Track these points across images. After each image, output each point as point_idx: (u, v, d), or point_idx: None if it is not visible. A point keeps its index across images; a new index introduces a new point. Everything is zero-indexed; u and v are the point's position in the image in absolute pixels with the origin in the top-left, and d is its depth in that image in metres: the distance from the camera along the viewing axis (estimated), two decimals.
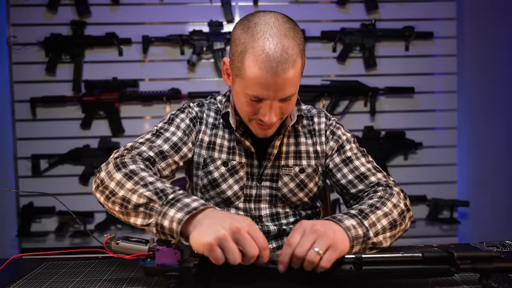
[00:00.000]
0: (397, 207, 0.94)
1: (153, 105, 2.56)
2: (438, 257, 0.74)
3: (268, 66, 0.88)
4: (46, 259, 0.97)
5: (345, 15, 2.61)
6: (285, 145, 1.11)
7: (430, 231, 2.69)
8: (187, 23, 2.57)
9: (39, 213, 2.53)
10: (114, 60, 2.55)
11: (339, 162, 1.10)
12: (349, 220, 0.83)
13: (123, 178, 0.85)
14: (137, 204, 0.80)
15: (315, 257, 0.72)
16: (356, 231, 0.82)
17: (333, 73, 2.61)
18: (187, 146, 1.07)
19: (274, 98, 0.93)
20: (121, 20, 2.54)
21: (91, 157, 2.51)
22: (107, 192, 0.86)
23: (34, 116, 2.51)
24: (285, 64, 0.88)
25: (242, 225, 0.71)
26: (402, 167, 2.64)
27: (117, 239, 0.77)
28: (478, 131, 2.71)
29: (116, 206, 0.85)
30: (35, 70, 2.52)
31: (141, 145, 0.99)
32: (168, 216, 0.75)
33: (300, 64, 0.93)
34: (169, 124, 1.08)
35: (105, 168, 0.91)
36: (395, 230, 0.91)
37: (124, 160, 0.91)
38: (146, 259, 0.75)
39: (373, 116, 2.62)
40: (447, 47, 2.64)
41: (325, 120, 1.16)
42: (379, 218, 0.88)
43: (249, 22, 0.93)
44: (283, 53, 0.88)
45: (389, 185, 1.02)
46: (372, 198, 0.96)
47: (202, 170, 1.10)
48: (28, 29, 2.51)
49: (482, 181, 2.71)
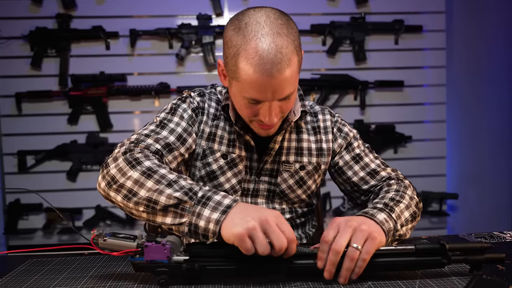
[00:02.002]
0: (413, 199, 0.97)
1: (142, 99, 2.53)
2: (430, 249, 0.74)
3: (263, 69, 0.85)
4: (31, 256, 0.95)
5: (335, 8, 2.60)
6: (287, 140, 1.09)
7: (420, 223, 2.70)
8: (175, 16, 2.53)
9: (26, 210, 2.50)
10: (101, 54, 2.51)
11: (350, 160, 1.10)
12: (380, 214, 0.84)
13: (142, 177, 0.81)
14: (167, 205, 0.77)
15: (354, 253, 0.72)
16: (389, 225, 0.83)
17: (323, 67, 2.61)
18: (191, 137, 1.04)
19: (273, 99, 0.90)
20: (108, 13, 2.50)
21: (79, 152, 2.48)
22: (125, 192, 0.81)
23: (19, 112, 2.47)
24: (280, 64, 0.85)
25: (271, 217, 0.71)
26: (392, 161, 2.65)
27: (105, 235, 0.75)
28: (467, 124, 2.73)
29: (140, 207, 0.80)
30: (20, 65, 2.47)
31: (147, 138, 0.95)
32: (204, 217, 0.74)
33: (296, 61, 0.90)
34: (172, 114, 1.03)
35: (115, 165, 0.85)
36: (415, 221, 0.95)
37: (135, 155, 0.86)
38: (135, 255, 0.74)
39: (363, 110, 2.62)
40: (436, 40, 2.64)
41: (330, 117, 1.14)
42: (402, 211, 0.90)
43: (239, 22, 0.90)
44: (277, 53, 0.85)
45: (399, 178, 1.05)
46: (389, 191, 0.98)
47: (200, 161, 1.07)
48: (13, 23, 2.46)
49: (471, 174, 2.74)
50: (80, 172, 2.52)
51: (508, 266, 0.81)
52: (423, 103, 2.67)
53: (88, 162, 2.50)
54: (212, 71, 2.56)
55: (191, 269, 0.73)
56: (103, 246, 0.75)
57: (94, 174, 2.52)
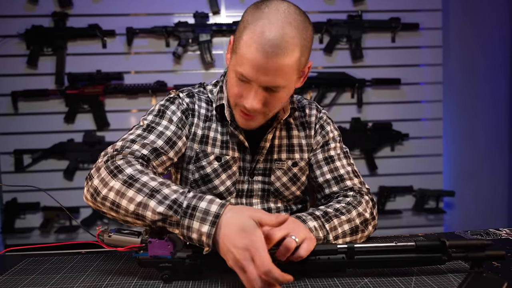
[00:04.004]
0: (361, 216, 0.96)
1: (139, 98, 2.52)
2: (431, 245, 0.75)
3: (260, 46, 0.84)
4: (28, 255, 0.95)
5: (332, 6, 2.60)
6: (278, 138, 1.09)
7: (416, 221, 2.72)
8: (172, 14, 2.53)
9: (23, 209, 2.49)
10: (97, 52, 2.49)
11: (321, 159, 1.10)
12: (312, 221, 0.87)
13: (123, 187, 0.78)
14: (154, 220, 0.75)
15: (291, 243, 0.72)
16: (317, 233, 0.86)
17: (320, 65, 2.61)
18: (181, 140, 1.01)
19: (260, 83, 0.89)
20: (104, 11, 2.49)
21: (76, 151, 2.47)
22: (109, 204, 0.80)
23: (16, 110, 2.46)
24: (279, 49, 0.84)
25: (242, 255, 0.67)
26: (389, 158, 2.66)
27: (110, 231, 0.76)
28: (464, 122, 2.74)
29: (129, 218, 0.79)
30: (16, 63, 2.46)
31: (133, 143, 0.92)
32: (194, 229, 0.72)
33: (297, 58, 0.88)
34: (160, 117, 1.00)
35: (97, 175, 0.83)
36: (356, 236, 0.95)
37: (117, 163, 0.83)
38: (139, 251, 0.75)
39: (360, 108, 2.63)
40: (432, 38, 2.65)
41: (315, 113, 1.14)
42: (342, 223, 0.92)
43: (261, 4, 0.91)
44: (282, 39, 0.84)
45: (361, 192, 1.03)
46: (340, 202, 0.98)
47: (193, 164, 1.05)
48: (8, 21, 2.44)
49: (467, 172, 2.75)
50: (77, 171, 2.51)
51: (503, 263, 0.82)
52: (419, 101, 2.68)
53: (85, 160, 2.49)
54: (209, 69, 2.56)
55: (194, 264, 0.74)
56: (108, 242, 0.76)
57: None
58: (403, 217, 2.70)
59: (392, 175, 2.66)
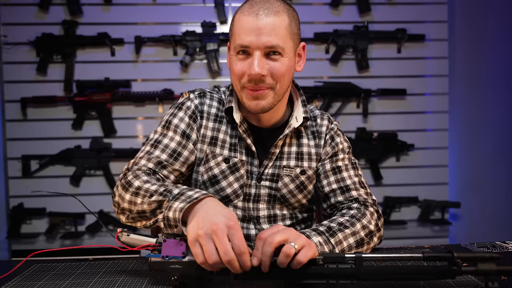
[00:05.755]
0: (365, 228, 0.97)
1: (146, 105, 2.55)
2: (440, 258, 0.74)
3: (251, 11, 0.95)
4: (36, 261, 0.96)
5: (338, 17, 2.62)
6: (288, 145, 1.10)
7: (421, 232, 2.70)
8: (180, 23, 2.56)
9: (29, 214, 2.50)
10: (106, 60, 2.53)
11: (329, 170, 1.10)
12: (316, 237, 0.87)
13: (132, 197, 0.89)
14: (152, 209, 0.85)
15: (291, 249, 0.72)
16: (323, 248, 0.86)
17: (326, 75, 2.62)
18: (187, 149, 1.05)
19: (258, 46, 0.94)
20: (113, 20, 2.52)
21: (83, 158, 2.49)
22: (127, 213, 0.92)
23: (24, 117, 2.49)
24: (267, 10, 0.94)
25: (221, 227, 0.71)
26: (394, 169, 2.66)
27: (128, 232, 0.81)
28: (469, 133, 2.73)
29: (138, 223, 0.91)
30: (26, 70, 2.50)
31: (141, 160, 1.01)
32: (172, 208, 0.79)
33: (287, 22, 0.96)
34: (166, 128, 1.06)
35: (117, 192, 0.95)
36: (362, 248, 0.96)
37: (128, 179, 0.93)
38: (153, 251, 0.78)
39: (366, 118, 2.63)
40: (438, 49, 2.66)
41: (327, 123, 1.15)
42: (347, 237, 0.93)
43: None
44: (267, 2, 0.96)
45: (366, 204, 1.04)
46: (344, 215, 0.99)
47: (203, 165, 1.07)
48: (19, 29, 2.49)
49: (473, 183, 2.74)
50: (83, 177, 2.53)
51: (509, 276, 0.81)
52: (425, 112, 2.68)
53: (91, 167, 2.51)
54: (216, 78, 2.58)
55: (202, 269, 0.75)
56: (125, 241, 0.80)
57: (97, 180, 2.54)
58: (408, 228, 2.68)
59: (397, 185, 2.66)
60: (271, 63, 0.96)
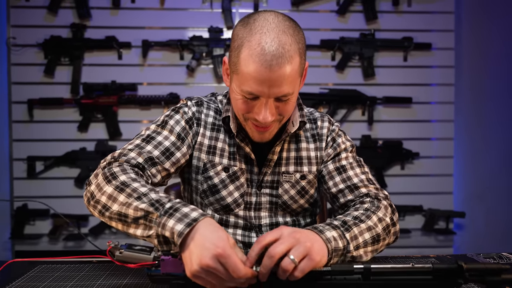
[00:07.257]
0: (382, 221, 0.92)
1: (151, 109, 2.56)
2: (447, 269, 0.73)
3: (263, 60, 0.85)
4: (40, 262, 0.96)
5: (345, 25, 2.62)
6: (286, 151, 1.08)
7: (426, 241, 2.69)
8: (187, 28, 2.58)
9: (33, 215, 2.51)
10: (113, 63, 2.55)
11: (332, 170, 1.07)
12: (330, 231, 0.81)
13: (115, 191, 0.81)
14: (136, 217, 0.77)
15: (289, 265, 0.68)
16: (337, 243, 0.80)
17: (332, 82, 2.62)
18: (180, 151, 1.01)
19: (269, 96, 0.89)
20: (121, 24, 2.54)
21: (88, 160, 2.50)
22: (100, 207, 0.82)
23: (31, 118, 2.50)
24: (280, 58, 0.85)
25: (207, 261, 0.67)
26: (399, 177, 2.65)
27: (120, 247, 0.73)
28: (475, 142, 2.72)
29: (113, 222, 0.81)
30: (33, 72, 2.52)
31: (130, 152, 0.94)
32: (168, 227, 0.72)
33: (298, 62, 0.89)
34: (162, 127, 1.02)
35: (94, 181, 0.86)
36: (377, 245, 0.90)
37: (113, 170, 0.86)
38: (151, 267, 0.73)
39: (371, 125, 2.63)
40: (445, 58, 2.66)
41: (328, 125, 1.13)
42: (362, 232, 0.86)
43: (249, 18, 0.92)
44: (279, 47, 0.86)
45: (378, 198, 0.99)
46: (358, 209, 0.94)
47: (202, 175, 1.06)
48: (28, 31, 2.51)
49: (478, 192, 2.72)
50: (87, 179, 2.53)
51: None
52: (430, 120, 2.68)
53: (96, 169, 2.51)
54: (221, 83, 2.59)
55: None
56: (119, 259, 0.73)
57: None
58: (412, 236, 2.67)
59: (401, 193, 2.65)
60: (280, 105, 0.93)
